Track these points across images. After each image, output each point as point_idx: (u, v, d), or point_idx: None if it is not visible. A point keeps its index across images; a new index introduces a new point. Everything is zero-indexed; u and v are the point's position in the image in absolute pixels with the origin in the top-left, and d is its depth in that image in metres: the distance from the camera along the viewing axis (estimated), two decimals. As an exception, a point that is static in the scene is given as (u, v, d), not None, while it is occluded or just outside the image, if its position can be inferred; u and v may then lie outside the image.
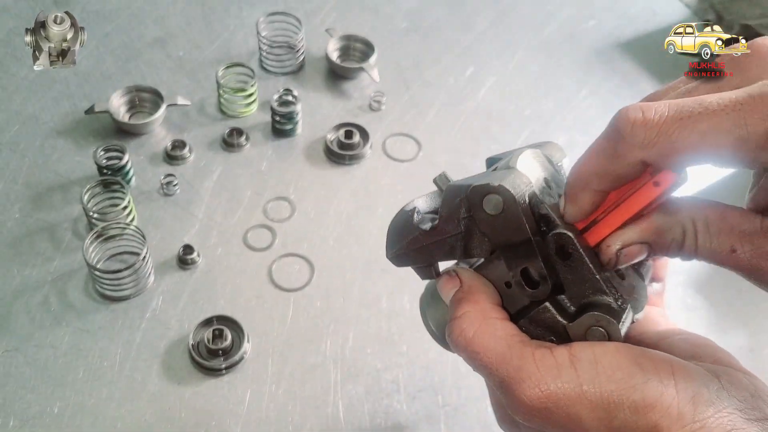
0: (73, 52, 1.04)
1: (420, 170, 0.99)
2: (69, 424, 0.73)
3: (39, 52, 1.03)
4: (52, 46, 1.02)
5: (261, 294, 0.85)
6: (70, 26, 1.03)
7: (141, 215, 0.91)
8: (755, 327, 0.86)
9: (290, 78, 1.10)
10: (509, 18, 1.24)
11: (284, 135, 1.02)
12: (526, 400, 0.37)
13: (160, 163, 0.97)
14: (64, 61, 1.03)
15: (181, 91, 1.05)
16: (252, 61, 1.10)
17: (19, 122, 1.00)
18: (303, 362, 0.80)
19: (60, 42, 1.02)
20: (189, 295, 0.84)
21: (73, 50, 1.04)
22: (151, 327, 0.81)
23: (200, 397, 0.76)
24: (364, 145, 1.00)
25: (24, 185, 0.93)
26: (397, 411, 0.77)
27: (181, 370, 0.78)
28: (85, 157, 0.96)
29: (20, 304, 0.82)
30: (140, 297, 0.84)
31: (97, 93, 1.05)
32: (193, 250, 0.86)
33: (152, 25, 1.16)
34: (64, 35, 1.03)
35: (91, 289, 0.84)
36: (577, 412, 0.36)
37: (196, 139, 1.00)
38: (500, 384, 0.39)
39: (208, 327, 0.80)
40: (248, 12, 1.19)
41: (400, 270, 0.90)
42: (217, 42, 1.14)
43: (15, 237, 0.88)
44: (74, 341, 0.79)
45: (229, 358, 0.78)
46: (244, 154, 1.00)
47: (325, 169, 0.99)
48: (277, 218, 0.93)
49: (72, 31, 1.03)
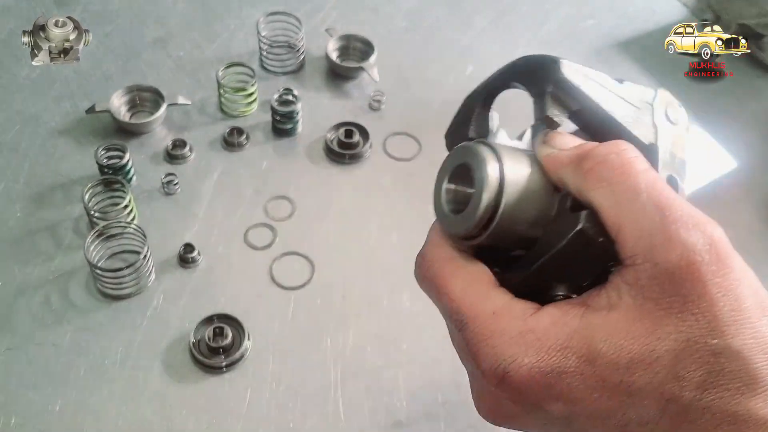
0: (76, 50, 1.05)
1: (420, 169, 0.99)
2: (70, 422, 0.74)
3: (37, 50, 1.03)
4: (53, 45, 1.02)
5: (262, 292, 0.85)
6: (73, 29, 1.03)
7: (142, 214, 0.91)
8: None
9: (290, 77, 1.10)
10: (509, 17, 1.24)
11: (284, 134, 1.02)
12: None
13: (160, 162, 0.98)
14: (66, 58, 1.03)
15: (181, 90, 1.06)
16: (252, 60, 1.11)
17: (21, 122, 1.01)
18: (303, 360, 0.80)
19: (62, 42, 1.02)
20: (190, 294, 0.85)
21: (76, 48, 1.05)
22: (152, 325, 0.82)
23: (201, 395, 0.77)
24: (364, 144, 1.00)
25: (25, 184, 0.93)
26: (397, 409, 0.77)
27: (182, 368, 0.78)
28: (86, 156, 0.96)
29: (22, 303, 0.82)
30: (141, 295, 0.84)
31: (98, 93, 1.05)
32: (194, 249, 0.87)
33: (153, 25, 1.16)
34: (66, 36, 1.03)
35: (92, 288, 0.84)
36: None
37: (196, 138, 1.01)
38: None
39: (209, 325, 0.80)
40: (248, 12, 1.19)
41: (400, 268, 0.90)
42: (217, 42, 1.14)
43: (16, 236, 0.88)
44: (75, 340, 0.80)
45: (230, 356, 0.79)
46: (245, 154, 1.00)
47: (325, 168, 0.99)
48: (278, 217, 0.93)
49: (75, 32, 1.04)
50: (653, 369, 0.31)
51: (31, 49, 1.05)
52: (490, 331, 0.35)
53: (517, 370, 0.34)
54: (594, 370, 0.32)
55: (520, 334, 0.34)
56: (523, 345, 0.34)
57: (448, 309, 0.37)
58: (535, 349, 0.33)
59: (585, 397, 0.33)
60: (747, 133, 1.08)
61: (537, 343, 0.34)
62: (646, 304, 0.32)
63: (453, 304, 0.37)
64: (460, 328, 0.36)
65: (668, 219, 0.32)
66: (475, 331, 0.36)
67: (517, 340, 0.34)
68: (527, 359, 0.33)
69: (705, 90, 1.15)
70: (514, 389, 0.34)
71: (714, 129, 1.08)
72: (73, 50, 1.03)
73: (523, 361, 0.34)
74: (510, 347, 0.34)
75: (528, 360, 0.33)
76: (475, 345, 0.35)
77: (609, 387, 0.32)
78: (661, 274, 0.31)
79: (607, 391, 0.32)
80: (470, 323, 0.36)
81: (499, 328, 0.35)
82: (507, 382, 0.34)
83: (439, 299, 0.38)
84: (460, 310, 0.36)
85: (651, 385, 0.31)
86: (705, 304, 0.31)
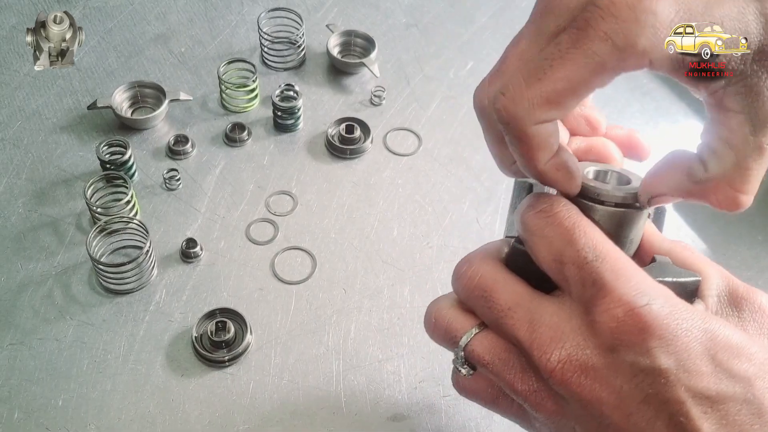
0: (71, 52, 1.06)
1: (420, 164, 1.00)
2: (73, 415, 0.74)
3: (40, 52, 1.04)
4: (51, 46, 1.03)
5: (264, 287, 0.86)
6: (68, 26, 1.04)
7: (144, 209, 0.92)
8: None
9: (291, 73, 1.10)
10: (510, 11, 1.24)
11: (286, 130, 1.02)
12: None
13: (162, 158, 0.98)
14: (63, 61, 1.04)
15: (183, 86, 1.06)
16: (253, 56, 1.11)
17: (23, 118, 1.01)
18: (305, 353, 0.80)
19: (59, 42, 1.03)
20: (192, 288, 0.85)
21: (71, 50, 1.06)
22: (154, 320, 0.82)
23: (204, 389, 0.77)
24: (365, 139, 1.01)
25: (27, 180, 0.94)
26: (398, 401, 0.77)
27: (184, 362, 0.79)
28: (88, 152, 0.97)
29: (24, 298, 0.83)
30: (144, 290, 0.84)
31: (99, 89, 1.05)
32: (196, 244, 0.87)
33: (154, 22, 1.16)
34: (63, 35, 1.04)
35: (94, 283, 0.84)
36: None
37: (198, 134, 1.01)
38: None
39: (212, 319, 0.81)
40: (249, 8, 1.19)
41: (401, 262, 0.91)
42: (218, 38, 1.15)
43: (19, 232, 0.89)
44: (78, 334, 0.80)
45: (233, 350, 0.79)
46: (246, 149, 1.00)
47: (326, 163, 0.99)
48: (280, 212, 0.93)
49: (71, 31, 1.05)
50: (752, 362, 0.38)
51: (34, 51, 1.05)
52: (632, 272, 0.39)
53: (658, 309, 0.37)
54: (710, 342, 0.38)
55: (659, 287, 0.39)
56: (663, 296, 0.38)
57: (582, 243, 0.41)
58: (671, 304, 0.38)
59: (691, 361, 0.37)
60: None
61: (673, 300, 0.38)
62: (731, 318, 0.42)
63: (591, 241, 0.41)
64: (596, 257, 0.40)
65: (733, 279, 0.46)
66: (618, 265, 0.39)
67: (658, 290, 0.38)
68: (667, 307, 0.38)
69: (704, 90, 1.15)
70: (641, 327, 0.37)
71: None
72: (69, 52, 1.04)
73: (664, 304, 0.38)
74: (653, 290, 0.38)
75: (667, 308, 0.38)
76: (617, 271, 0.39)
77: (717, 361, 0.38)
78: (741, 306, 0.43)
79: (714, 362, 0.38)
80: (612, 257, 0.39)
81: (641, 273, 0.39)
82: (641, 316, 0.37)
83: (572, 234, 0.41)
84: (598, 247, 0.40)
85: (747, 372, 0.38)
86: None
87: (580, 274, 0.39)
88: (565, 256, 0.40)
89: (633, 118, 1.08)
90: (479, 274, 0.44)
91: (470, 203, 0.96)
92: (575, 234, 0.40)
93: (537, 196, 0.44)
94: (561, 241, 0.40)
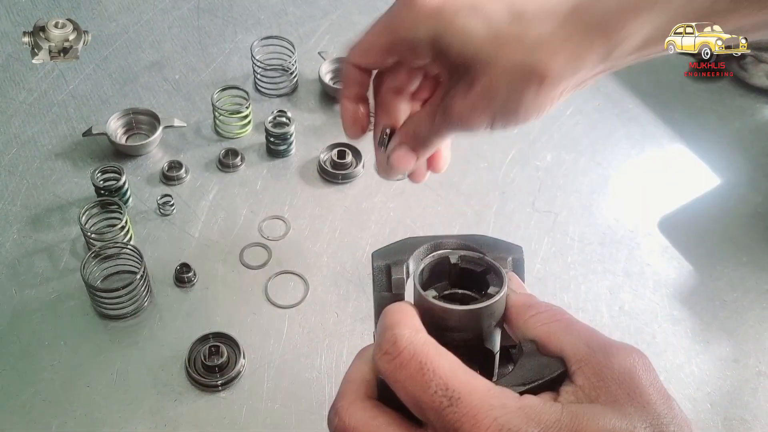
0: (75, 49, 1.06)
1: (411, 188, 1.01)
2: (67, 441, 0.74)
3: (37, 49, 1.05)
4: (52, 45, 1.03)
5: (257, 311, 0.87)
6: (72, 29, 1.05)
7: (138, 235, 0.93)
8: (739, 337, 0.88)
9: (284, 100, 1.12)
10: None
11: (278, 155, 1.04)
12: None
13: (156, 183, 0.99)
14: (66, 56, 1.04)
15: (177, 113, 1.08)
16: (247, 83, 1.13)
17: (18, 145, 1.02)
18: (298, 377, 0.81)
19: (61, 42, 1.03)
20: (186, 313, 0.86)
21: (75, 48, 1.06)
22: (147, 344, 0.83)
23: (197, 414, 0.77)
24: (356, 164, 1.02)
25: (22, 207, 0.95)
26: (391, 424, 0.78)
27: (177, 386, 0.79)
28: (82, 178, 0.98)
29: (19, 324, 0.83)
30: (138, 315, 0.85)
31: (94, 116, 1.07)
32: (190, 269, 0.88)
33: (149, 49, 1.18)
34: (65, 37, 1.05)
35: (89, 308, 0.85)
36: None
37: (192, 160, 1.02)
38: None
39: (205, 344, 0.81)
40: (243, 36, 1.21)
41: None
42: (212, 65, 1.17)
43: (14, 258, 0.89)
44: (72, 360, 0.81)
45: (226, 374, 0.79)
46: (240, 175, 1.01)
47: (318, 188, 1.01)
48: (272, 236, 0.94)
49: (75, 33, 1.05)
50: None
51: (31, 48, 1.06)
52: (490, 405, 0.39)
53: None
54: None
55: (521, 408, 0.39)
56: (525, 418, 0.38)
57: (434, 386, 0.39)
58: (536, 422, 0.38)
59: None
60: (729, 152, 1.11)
61: (537, 417, 0.38)
62: (601, 396, 0.40)
63: (441, 380, 0.39)
64: (451, 403, 0.39)
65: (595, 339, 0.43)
66: (472, 405, 0.39)
67: (519, 414, 0.38)
68: (530, 430, 0.38)
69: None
70: None
71: (697, 147, 1.11)
72: (73, 49, 1.04)
73: (528, 429, 0.38)
74: (514, 419, 0.38)
75: (532, 431, 0.38)
76: (473, 417, 0.38)
77: None
78: (605, 376, 0.41)
79: None
80: (466, 398, 0.39)
81: (499, 402, 0.39)
82: None
83: (422, 376, 0.40)
84: (450, 386, 0.39)
85: None
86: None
87: (441, 422, 0.39)
88: (422, 402, 0.40)
89: (619, 143, 1.10)
90: (351, 427, 0.43)
91: (460, 227, 0.97)
92: (425, 376, 0.40)
93: (383, 332, 0.44)
94: (413, 386, 0.40)
